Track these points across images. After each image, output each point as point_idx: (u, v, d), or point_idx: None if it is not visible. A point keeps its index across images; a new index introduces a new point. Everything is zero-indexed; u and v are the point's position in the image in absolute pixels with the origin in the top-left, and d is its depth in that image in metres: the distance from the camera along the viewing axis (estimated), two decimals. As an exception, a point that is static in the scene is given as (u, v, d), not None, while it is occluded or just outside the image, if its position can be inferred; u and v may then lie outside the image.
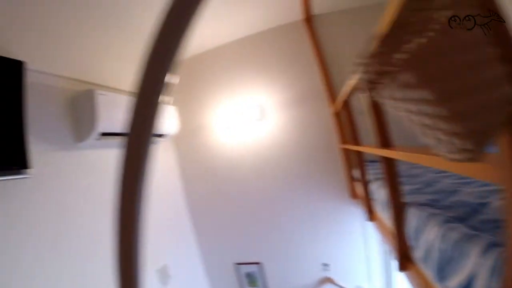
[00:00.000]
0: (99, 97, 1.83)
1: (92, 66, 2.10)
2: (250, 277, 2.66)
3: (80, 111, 1.92)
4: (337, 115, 2.27)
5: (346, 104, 1.73)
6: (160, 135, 2.42)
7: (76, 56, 1.97)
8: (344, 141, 2.28)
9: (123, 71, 2.37)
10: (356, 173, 2.13)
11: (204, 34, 2.38)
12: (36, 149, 1.54)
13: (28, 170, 1.38)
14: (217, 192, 2.73)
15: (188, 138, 2.79)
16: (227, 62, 2.64)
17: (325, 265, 2.48)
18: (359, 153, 1.77)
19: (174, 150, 2.90)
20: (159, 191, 2.54)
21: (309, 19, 2.39)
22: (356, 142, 1.74)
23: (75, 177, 1.84)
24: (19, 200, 1.48)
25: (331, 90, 2.34)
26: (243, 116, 2.57)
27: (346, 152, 2.27)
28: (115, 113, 1.93)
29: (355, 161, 2.11)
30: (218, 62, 2.67)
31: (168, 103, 2.53)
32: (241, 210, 2.66)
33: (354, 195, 2.32)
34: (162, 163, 2.70)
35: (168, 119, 2.47)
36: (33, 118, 1.52)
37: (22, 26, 1.59)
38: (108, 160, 2.13)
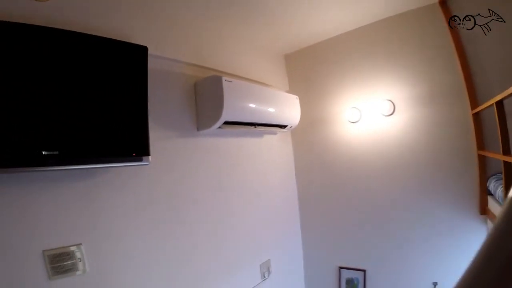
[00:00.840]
0: (225, 84, 1.68)
1: (215, 53, 2.04)
2: (350, 283, 2.54)
3: (204, 97, 1.78)
4: (478, 116, 1.94)
5: (500, 104, 1.45)
6: (283, 126, 2.29)
7: (199, 42, 1.92)
8: (482, 147, 1.94)
9: (246, 58, 2.34)
10: (492, 185, 1.80)
11: (328, 20, 2.24)
12: (155, 136, 1.52)
13: (147, 158, 1.35)
14: (329, 190, 2.62)
15: (305, 130, 2.70)
16: (351, 51, 2.45)
17: (435, 284, 2.17)
18: (507, 165, 1.48)
19: (290, 142, 2.82)
20: (274, 185, 2.53)
21: (444, 2, 2.05)
22: (507, 151, 1.46)
23: (193, 165, 1.80)
24: (136, 186, 1.49)
25: (472, 86, 1.99)
26: (368, 111, 2.36)
27: (483, 160, 1.93)
28: (238, 101, 1.80)
29: (496, 172, 1.78)
30: (341, 51, 2.50)
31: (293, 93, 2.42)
32: (352, 211, 2.51)
33: (484, 210, 1.98)
34: (279, 156, 2.63)
35: (293, 110, 2.31)
36: (154, 105, 1.47)
37: (146, 13, 1.61)
38: (229, 149, 2.06)
